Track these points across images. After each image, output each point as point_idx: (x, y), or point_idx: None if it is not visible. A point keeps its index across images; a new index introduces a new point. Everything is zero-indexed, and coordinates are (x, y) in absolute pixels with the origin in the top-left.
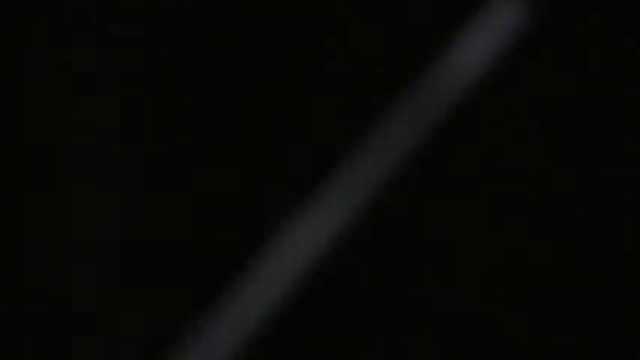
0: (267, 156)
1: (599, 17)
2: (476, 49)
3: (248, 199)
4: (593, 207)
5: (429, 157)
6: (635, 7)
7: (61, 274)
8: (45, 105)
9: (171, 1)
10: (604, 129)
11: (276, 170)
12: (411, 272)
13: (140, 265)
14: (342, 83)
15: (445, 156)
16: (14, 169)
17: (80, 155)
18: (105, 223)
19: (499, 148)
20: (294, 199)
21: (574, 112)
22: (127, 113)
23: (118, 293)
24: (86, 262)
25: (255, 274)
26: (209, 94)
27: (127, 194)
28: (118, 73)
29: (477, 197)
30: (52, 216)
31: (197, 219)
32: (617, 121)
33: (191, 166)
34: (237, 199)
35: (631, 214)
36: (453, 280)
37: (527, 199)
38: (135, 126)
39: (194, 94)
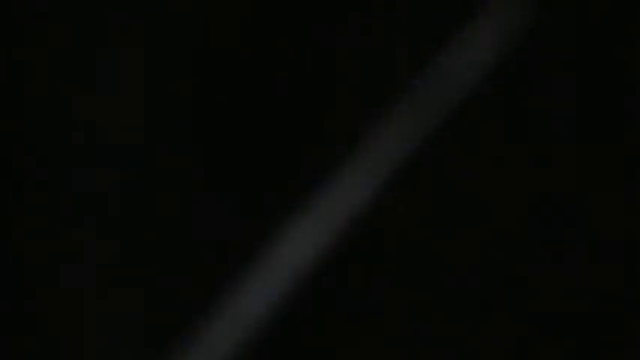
0: (267, 155)
1: (599, 17)
2: (476, 49)
3: (248, 198)
4: (593, 207)
5: (428, 157)
6: (635, 7)
7: (60, 275)
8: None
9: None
10: (605, 129)
11: (276, 169)
12: (411, 272)
13: (139, 264)
14: (341, 84)
15: (445, 156)
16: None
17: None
18: (103, 221)
19: (499, 149)
20: (294, 197)
21: (574, 112)
22: (124, 110)
23: (117, 293)
24: (85, 261)
25: (255, 274)
26: (208, 93)
27: (127, 192)
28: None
29: (476, 197)
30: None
31: (197, 219)
32: (617, 121)
33: (191, 164)
34: (236, 199)
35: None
36: (453, 280)
37: (527, 199)
38: (133, 121)
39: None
